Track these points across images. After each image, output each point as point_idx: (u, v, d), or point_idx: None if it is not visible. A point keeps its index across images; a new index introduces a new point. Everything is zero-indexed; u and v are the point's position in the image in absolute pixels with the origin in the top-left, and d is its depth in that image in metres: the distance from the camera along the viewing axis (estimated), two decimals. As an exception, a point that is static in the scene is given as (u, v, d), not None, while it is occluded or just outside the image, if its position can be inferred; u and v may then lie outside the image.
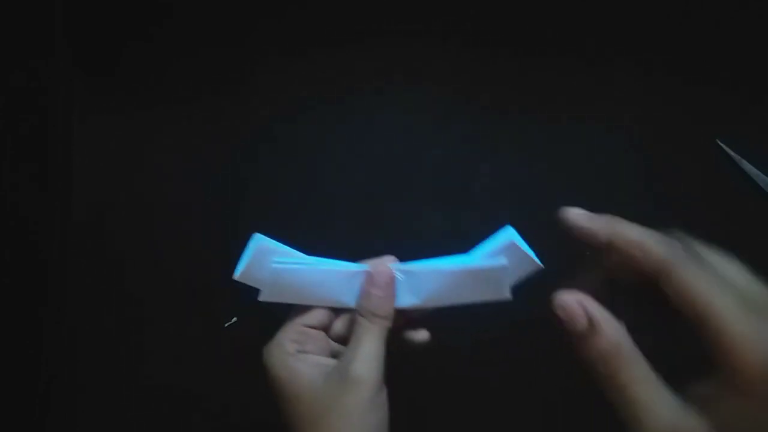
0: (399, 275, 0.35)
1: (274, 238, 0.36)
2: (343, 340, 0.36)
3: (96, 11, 0.53)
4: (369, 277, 0.35)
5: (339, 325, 0.37)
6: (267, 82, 0.53)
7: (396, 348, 0.36)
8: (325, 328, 0.37)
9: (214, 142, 0.52)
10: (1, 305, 0.51)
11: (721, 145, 0.49)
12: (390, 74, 0.52)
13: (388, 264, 0.36)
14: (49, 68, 0.52)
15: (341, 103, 0.52)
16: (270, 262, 0.35)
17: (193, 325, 0.51)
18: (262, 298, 0.36)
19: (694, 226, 0.49)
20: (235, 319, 0.50)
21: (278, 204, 0.51)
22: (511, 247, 0.35)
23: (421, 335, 0.37)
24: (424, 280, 0.35)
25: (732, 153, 0.49)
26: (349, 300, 0.36)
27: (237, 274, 0.35)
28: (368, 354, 0.33)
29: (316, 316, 0.36)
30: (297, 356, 0.34)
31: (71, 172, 0.53)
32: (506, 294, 0.35)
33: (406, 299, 0.35)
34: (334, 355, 0.36)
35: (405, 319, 0.36)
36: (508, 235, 0.36)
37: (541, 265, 0.36)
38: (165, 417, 0.51)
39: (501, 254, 0.35)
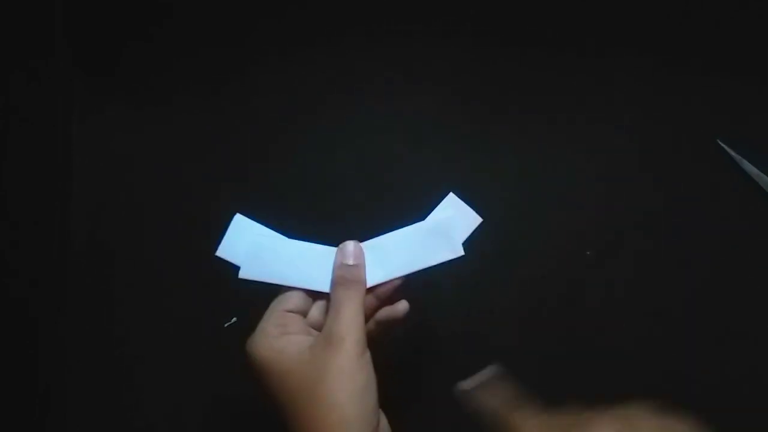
0: (365, 251, 0.39)
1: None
2: (319, 326, 0.38)
3: (96, 11, 0.53)
4: (340, 251, 0.38)
5: (315, 311, 0.39)
6: (267, 82, 0.53)
7: (383, 329, 0.39)
8: (303, 314, 0.39)
9: (214, 142, 0.52)
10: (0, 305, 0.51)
11: (722, 145, 0.49)
12: (390, 74, 0.52)
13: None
14: (49, 68, 0.52)
15: (341, 102, 0.52)
16: (248, 237, 0.39)
17: (193, 326, 0.51)
18: (242, 274, 0.39)
19: (695, 226, 0.49)
20: (234, 319, 0.50)
21: (278, 203, 0.51)
22: (452, 201, 0.40)
23: (402, 306, 0.39)
24: (385, 249, 0.39)
25: (732, 153, 0.49)
26: (322, 284, 0.38)
27: (218, 251, 0.39)
28: (349, 316, 0.35)
29: (295, 301, 0.38)
30: (281, 337, 0.36)
31: (71, 172, 0.53)
32: (460, 251, 0.39)
33: (375, 274, 0.38)
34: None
35: (380, 300, 0.39)
36: (450, 196, 0.40)
37: (481, 218, 0.40)
38: (165, 417, 0.51)
39: (445, 209, 0.40)
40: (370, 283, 0.38)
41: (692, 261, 0.49)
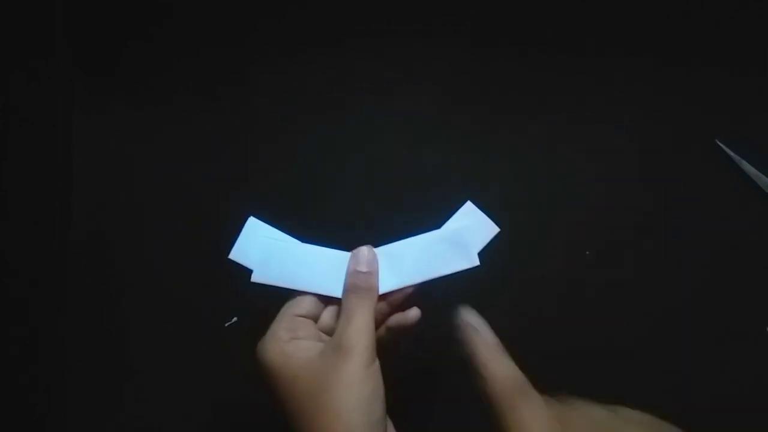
0: (378, 257, 0.38)
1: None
2: (330, 331, 0.38)
3: (96, 11, 0.53)
4: (353, 257, 0.38)
5: (326, 316, 0.39)
6: (267, 82, 0.53)
7: (393, 336, 0.38)
8: (314, 318, 0.38)
9: (214, 142, 0.52)
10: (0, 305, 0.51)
11: (721, 145, 0.49)
12: (390, 74, 0.52)
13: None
14: (49, 68, 0.52)
15: (341, 103, 0.52)
16: (261, 240, 0.39)
17: (193, 326, 0.51)
18: (254, 278, 0.38)
19: (694, 226, 0.49)
20: (235, 319, 0.50)
21: (278, 204, 0.51)
22: (471, 210, 0.40)
23: (413, 313, 0.39)
24: (399, 256, 0.38)
25: (731, 153, 0.49)
26: (334, 288, 0.38)
27: (231, 254, 0.39)
28: (359, 325, 0.35)
29: (306, 306, 0.38)
30: (290, 342, 0.36)
31: (71, 172, 0.53)
32: (475, 261, 0.39)
33: (388, 281, 0.38)
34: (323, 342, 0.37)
35: (392, 307, 0.39)
36: (467, 205, 0.40)
37: (498, 228, 0.39)
38: (165, 417, 0.51)
39: (463, 218, 0.40)
40: (382, 290, 0.38)
41: (692, 261, 0.49)
